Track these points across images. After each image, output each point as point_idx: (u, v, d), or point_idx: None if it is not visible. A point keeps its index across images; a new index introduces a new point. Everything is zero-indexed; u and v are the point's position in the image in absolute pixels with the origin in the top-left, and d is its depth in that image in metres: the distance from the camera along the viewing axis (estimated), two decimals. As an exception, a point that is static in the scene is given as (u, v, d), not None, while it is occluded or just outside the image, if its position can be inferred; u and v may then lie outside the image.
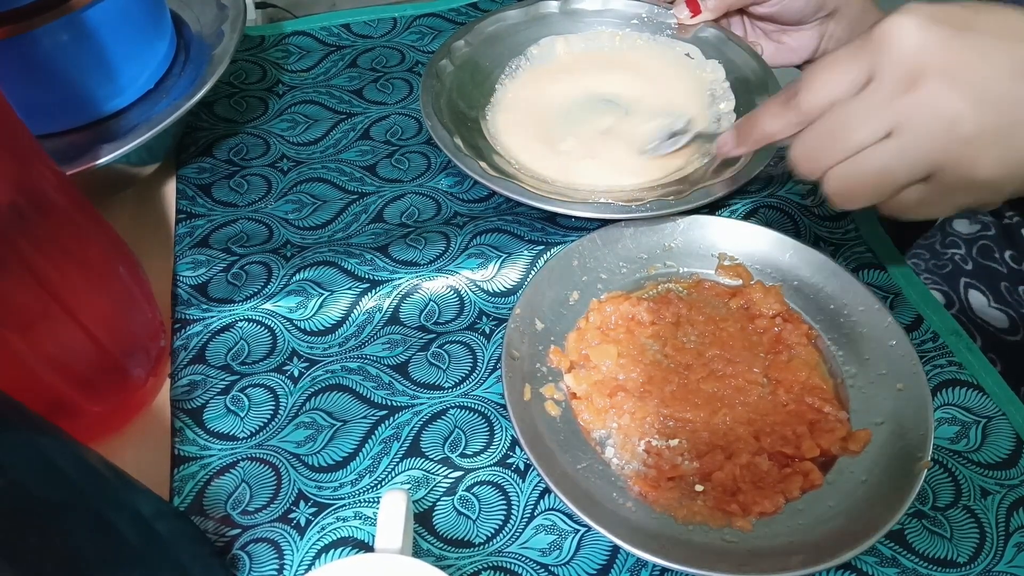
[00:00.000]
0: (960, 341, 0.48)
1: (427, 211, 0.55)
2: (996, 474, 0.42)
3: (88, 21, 0.48)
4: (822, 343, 0.47)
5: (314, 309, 0.49)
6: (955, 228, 0.72)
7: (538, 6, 0.63)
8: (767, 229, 0.50)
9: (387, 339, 0.48)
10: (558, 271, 0.48)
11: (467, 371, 0.47)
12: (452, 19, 0.71)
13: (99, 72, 0.50)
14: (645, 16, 0.63)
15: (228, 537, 0.40)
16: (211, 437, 0.44)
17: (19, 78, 0.47)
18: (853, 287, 0.47)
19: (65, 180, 0.39)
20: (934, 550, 0.40)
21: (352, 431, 0.44)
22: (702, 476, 0.41)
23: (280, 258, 0.52)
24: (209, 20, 0.58)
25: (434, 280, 0.51)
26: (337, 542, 0.40)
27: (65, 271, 0.38)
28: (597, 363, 0.45)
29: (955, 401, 0.45)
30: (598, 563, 0.40)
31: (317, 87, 0.65)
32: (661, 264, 0.51)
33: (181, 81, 0.55)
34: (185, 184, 0.57)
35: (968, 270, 0.68)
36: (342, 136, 0.61)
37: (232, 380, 0.46)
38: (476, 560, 0.40)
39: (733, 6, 0.61)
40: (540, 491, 0.42)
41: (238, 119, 0.62)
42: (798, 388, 0.44)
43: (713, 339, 0.46)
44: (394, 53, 0.68)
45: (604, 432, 0.43)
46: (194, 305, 0.49)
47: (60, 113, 0.51)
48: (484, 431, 0.44)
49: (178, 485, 0.42)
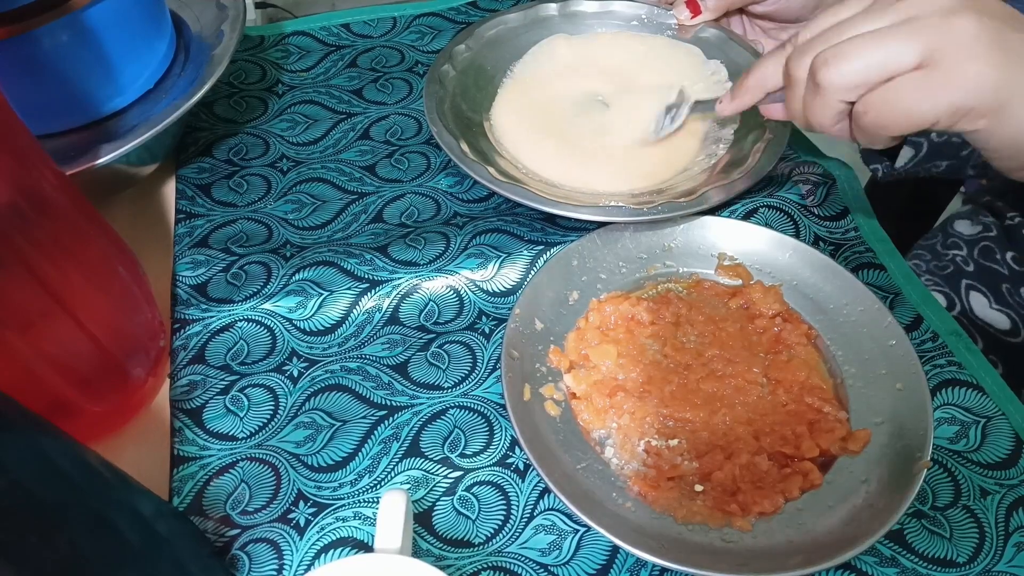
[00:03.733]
0: (960, 341, 0.48)
1: (427, 211, 0.55)
2: (996, 474, 0.42)
3: (88, 21, 0.48)
4: (822, 343, 0.47)
5: (314, 309, 0.49)
6: (956, 229, 0.72)
7: (537, 9, 0.63)
8: (767, 229, 0.50)
9: (387, 339, 0.48)
10: (558, 271, 0.48)
11: (467, 371, 0.47)
12: (452, 19, 0.71)
13: (99, 72, 0.50)
14: (645, 17, 0.63)
15: (227, 537, 0.40)
16: (210, 437, 0.44)
17: (19, 78, 0.47)
18: (853, 287, 0.47)
19: (65, 180, 0.39)
20: (934, 550, 0.40)
21: (352, 431, 0.44)
22: (702, 476, 0.41)
23: (280, 258, 0.52)
24: (209, 20, 0.58)
25: (434, 280, 0.51)
26: (337, 542, 0.40)
27: (65, 271, 0.38)
28: (597, 363, 0.45)
29: (955, 401, 0.45)
30: (598, 563, 0.40)
31: (317, 87, 0.65)
32: (661, 264, 0.51)
33: (181, 81, 0.55)
34: (185, 184, 0.57)
35: (969, 271, 0.68)
36: (342, 136, 0.61)
37: (232, 380, 0.46)
38: (476, 560, 0.40)
39: (733, 5, 0.61)
40: (540, 491, 0.42)
41: (238, 119, 0.62)
42: (798, 388, 0.44)
43: (713, 339, 0.46)
44: (394, 53, 0.68)
45: (604, 432, 0.43)
46: (194, 305, 0.49)
47: (60, 113, 0.51)
48: (484, 431, 0.44)
49: (177, 485, 0.42)
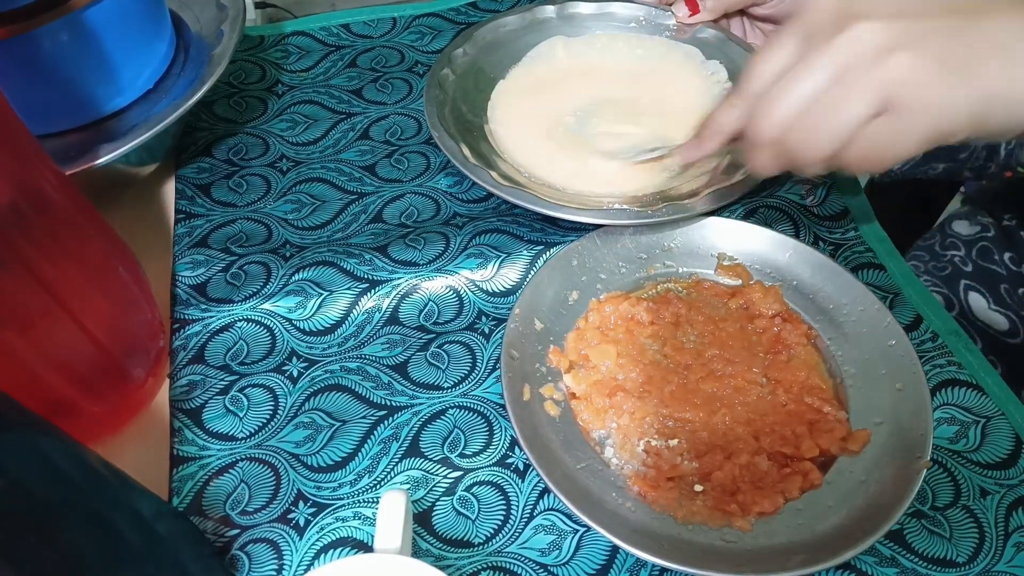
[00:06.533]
0: (959, 341, 0.48)
1: (426, 211, 0.55)
2: (995, 474, 0.43)
3: (88, 21, 0.48)
4: (821, 343, 0.47)
5: (313, 309, 0.49)
6: (955, 230, 0.72)
7: (535, 11, 0.63)
8: (767, 229, 0.50)
9: (386, 339, 0.48)
10: (557, 271, 0.48)
11: (466, 371, 0.47)
12: (452, 19, 0.71)
13: (99, 72, 0.50)
14: (643, 19, 0.63)
15: (227, 537, 0.40)
16: (210, 437, 0.44)
17: (19, 78, 0.47)
18: (853, 287, 0.47)
19: (65, 180, 0.39)
20: (933, 550, 0.40)
21: (351, 431, 0.44)
22: (701, 476, 0.41)
23: (279, 258, 0.52)
24: (209, 20, 0.58)
25: (433, 280, 0.51)
26: (336, 542, 0.40)
27: (65, 271, 0.38)
28: (596, 363, 0.45)
29: (954, 401, 0.45)
30: (597, 563, 0.40)
31: (316, 87, 0.65)
32: (660, 264, 0.51)
33: (181, 81, 0.55)
34: (184, 184, 0.57)
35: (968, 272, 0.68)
36: (341, 136, 0.61)
37: (231, 380, 0.46)
38: (475, 560, 0.40)
39: (732, 7, 0.60)
40: (539, 491, 0.42)
41: (237, 119, 0.62)
42: (797, 388, 0.44)
43: (712, 339, 0.46)
44: (393, 53, 0.68)
45: (603, 432, 0.43)
46: (193, 305, 0.49)
47: (60, 113, 0.51)
48: (483, 431, 0.44)
49: (177, 485, 0.42)
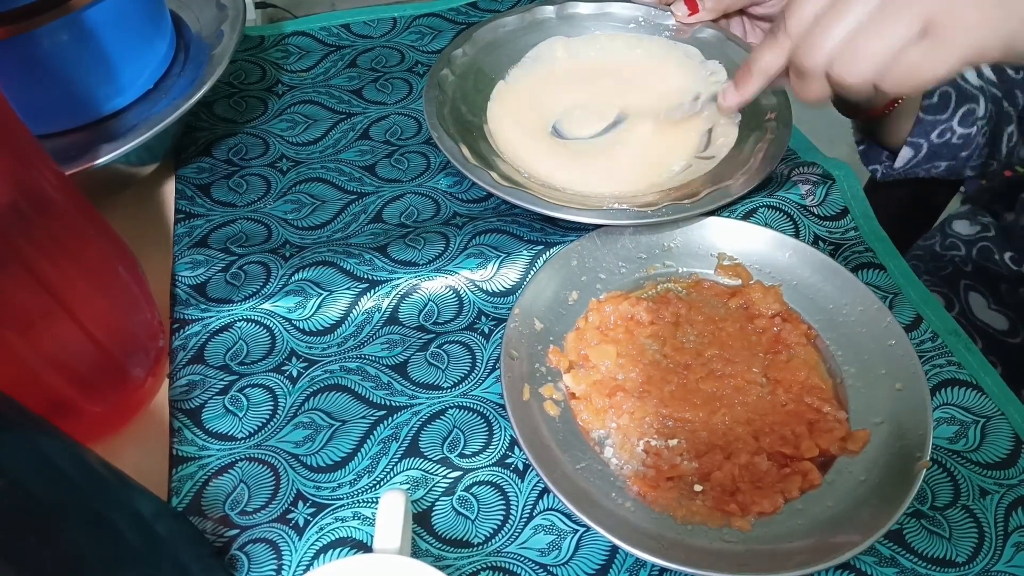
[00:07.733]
0: (959, 341, 0.48)
1: (426, 211, 0.55)
2: (995, 474, 0.43)
3: (88, 21, 0.48)
4: (821, 343, 0.47)
5: (313, 309, 0.49)
6: (955, 229, 0.72)
7: (534, 12, 0.63)
8: (767, 229, 0.50)
9: (386, 339, 0.48)
10: (557, 271, 0.48)
11: (466, 371, 0.47)
12: (452, 19, 0.71)
13: (99, 72, 0.50)
14: (642, 19, 0.63)
15: (226, 537, 0.40)
16: (209, 437, 0.44)
17: (19, 78, 0.47)
18: (853, 287, 0.47)
19: (65, 180, 0.39)
20: (933, 550, 0.40)
21: (351, 431, 0.44)
22: (701, 476, 0.41)
23: (279, 258, 0.52)
24: (209, 20, 0.58)
25: (433, 280, 0.51)
26: (336, 542, 0.40)
27: (65, 271, 0.38)
28: (596, 363, 0.45)
29: (954, 401, 0.45)
30: (597, 563, 0.40)
31: (316, 87, 0.65)
32: (660, 264, 0.51)
33: (181, 81, 0.55)
34: (184, 184, 0.57)
35: (968, 272, 0.68)
36: (341, 136, 0.61)
37: (231, 380, 0.46)
38: (475, 560, 0.40)
39: (732, 6, 0.60)
40: (539, 491, 0.42)
41: (237, 119, 0.62)
42: (797, 388, 0.44)
43: (712, 339, 0.46)
44: (393, 53, 0.68)
45: (603, 432, 0.43)
46: (193, 305, 0.49)
47: (60, 113, 0.51)
48: (483, 431, 0.44)
49: (176, 485, 0.42)
